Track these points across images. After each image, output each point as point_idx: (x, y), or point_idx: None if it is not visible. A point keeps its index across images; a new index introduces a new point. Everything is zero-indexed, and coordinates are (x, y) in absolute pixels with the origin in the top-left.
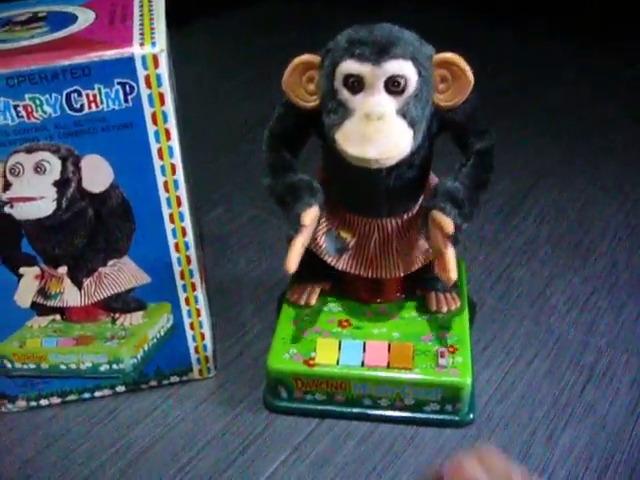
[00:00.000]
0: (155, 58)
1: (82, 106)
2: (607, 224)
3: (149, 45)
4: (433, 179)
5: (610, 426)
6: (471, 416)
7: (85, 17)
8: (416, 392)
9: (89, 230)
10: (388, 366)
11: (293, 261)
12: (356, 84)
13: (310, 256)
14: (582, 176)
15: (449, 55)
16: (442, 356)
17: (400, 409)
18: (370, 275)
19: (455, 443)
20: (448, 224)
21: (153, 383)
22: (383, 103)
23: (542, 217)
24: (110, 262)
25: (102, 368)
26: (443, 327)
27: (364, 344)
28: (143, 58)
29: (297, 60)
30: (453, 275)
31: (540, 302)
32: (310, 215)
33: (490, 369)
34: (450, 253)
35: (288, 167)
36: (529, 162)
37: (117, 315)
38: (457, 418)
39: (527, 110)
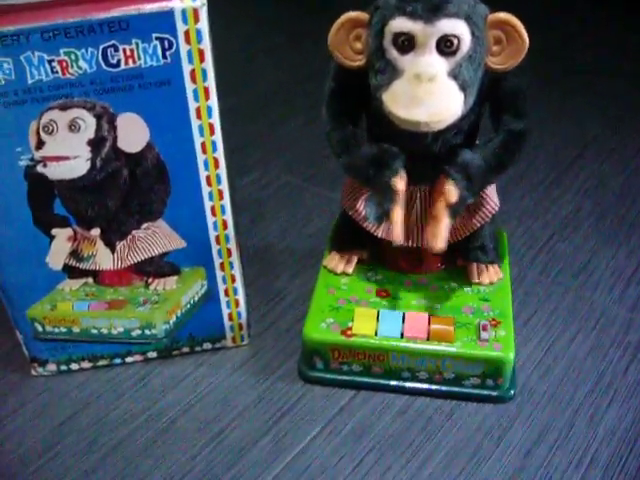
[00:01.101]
0: (196, 12)
1: (119, 62)
2: None
3: None
4: None
5: None
6: (512, 392)
7: None
8: (456, 366)
9: (123, 192)
10: (428, 338)
11: (398, 232)
12: (406, 43)
13: (349, 223)
14: (626, 147)
15: (504, 15)
16: (484, 329)
17: (439, 383)
18: (410, 244)
19: (495, 419)
20: (452, 195)
21: (185, 350)
22: (434, 64)
23: (585, 189)
24: (144, 225)
25: (134, 333)
26: (485, 299)
27: (403, 315)
28: (183, 12)
29: (344, 17)
30: (440, 244)
31: (583, 276)
32: (402, 181)
33: (531, 344)
34: (444, 222)
35: (359, 140)
36: (572, 133)
37: (150, 279)
38: (497, 394)
39: (570, 79)
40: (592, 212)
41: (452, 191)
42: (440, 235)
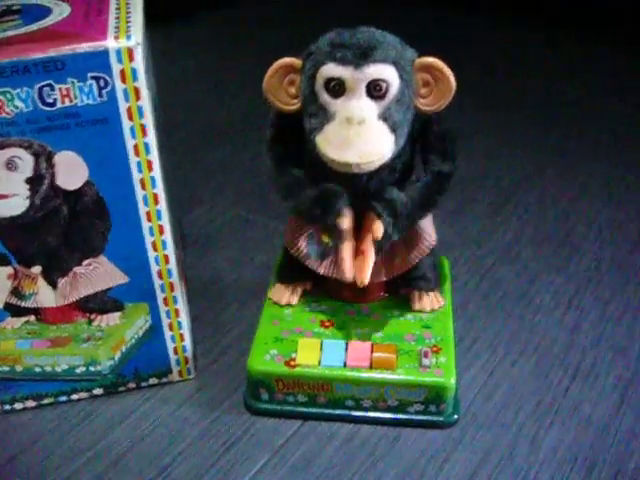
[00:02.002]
0: (130, 52)
1: (55, 101)
2: (591, 222)
3: (124, 38)
4: None
5: (595, 425)
6: (455, 417)
7: (60, 10)
8: (399, 393)
9: (63, 228)
10: (371, 367)
11: (349, 268)
12: (337, 88)
13: (292, 256)
14: (566, 175)
15: (431, 59)
16: (426, 356)
17: (383, 410)
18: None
19: (439, 445)
20: (378, 231)
21: (131, 385)
22: (364, 107)
23: (526, 216)
24: (85, 261)
25: (78, 370)
26: (426, 327)
27: (346, 344)
28: (118, 52)
29: (278, 63)
30: (365, 279)
31: (524, 301)
32: (348, 219)
33: (474, 369)
34: (369, 257)
35: (303, 183)
36: (513, 161)
37: (93, 316)
38: (441, 419)
39: (512, 108)
40: (533, 238)
41: (378, 226)
42: (365, 269)
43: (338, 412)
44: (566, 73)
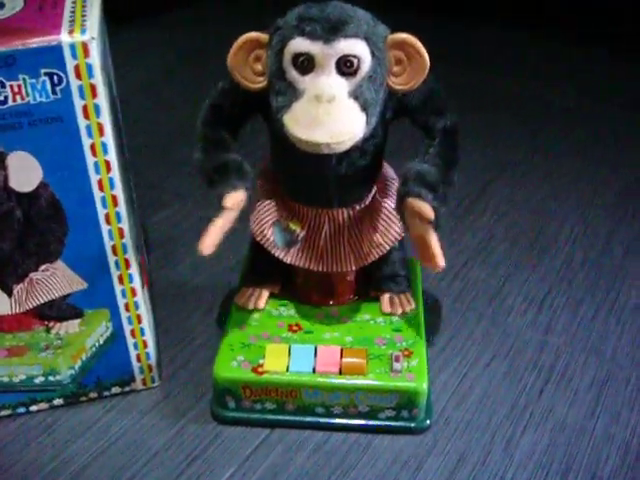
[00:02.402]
0: (85, 46)
1: (6, 98)
2: (562, 221)
3: (79, 33)
4: (386, 168)
5: (570, 428)
6: (428, 422)
7: (13, 4)
8: (370, 398)
9: (17, 233)
10: (340, 372)
11: (206, 243)
12: (306, 64)
13: (258, 254)
14: (537, 173)
15: (404, 35)
16: (397, 360)
17: (354, 416)
18: (320, 269)
19: (411, 450)
20: (428, 210)
21: (93, 395)
22: (334, 84)
23: (497, 215)
24: (42, 267)
25: (37, 380)
26: (397, 330)
27: (315, 349)
28: (72, 46)
29: (243, 37)
30: (440, 261)
31: (497, 302)
32: (233, 198)
33: (447, 372)
34: (434, 239)
35: (222, 145)
36: (484, 159)
37: (52, 323)
38: (413, 425)
39: (482, 104)
40: (504, 238)
41: (425, 208)
42: (436, 252)
43: (308, 419)
44: (533, 71)
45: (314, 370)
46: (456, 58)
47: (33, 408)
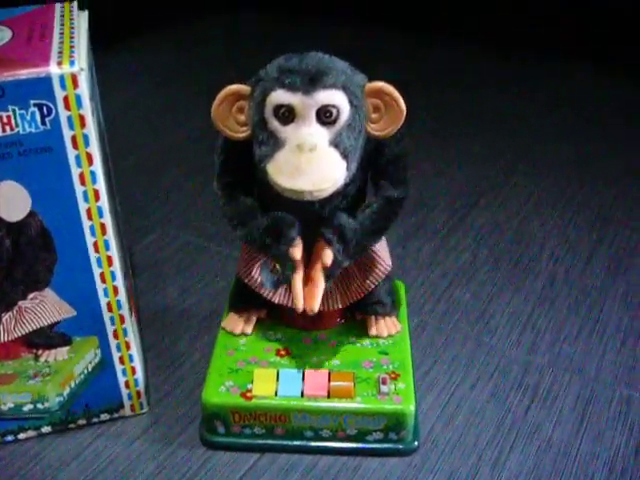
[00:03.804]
0: (74, 78)
1: None
2: (544, 241)
3: (67, 64)
4: None
5: (556, 447)
6: (415, 443)
7: (1, 35)
8: (358, 421)
9: (6, 262)
10: (328, 396)
11: (301, 300)
12: (287, 114)
13: (245, 285)
14: (518, 194)
15: (381, 84)
16: (384, 383)
17: (342, 439)
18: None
19: (400, 472)
20: (327, 257)
21: (82, 422)
22: (315, 134)
23: (480, 237)
24: (30, 295)
25: (25, 408)
26: (384, 352)
27: (303, 373)
28: (61, 78)
29: (226, 90)
30: (314, 307)
31: (481, 323)
32: (298, 249)
33: (433, 393)
34: (319, 285)
35: (253, 211)
36: (465, 182)
37: (40, 351)
38: (401, 446)
39: (464, 128)
40: (488, 259)
41: (327, 253)
42: (315, 298)
43: (297, 443)
44: (515, 90)
45: (302, 394)
46: (435, 76)
47: (21, 436)
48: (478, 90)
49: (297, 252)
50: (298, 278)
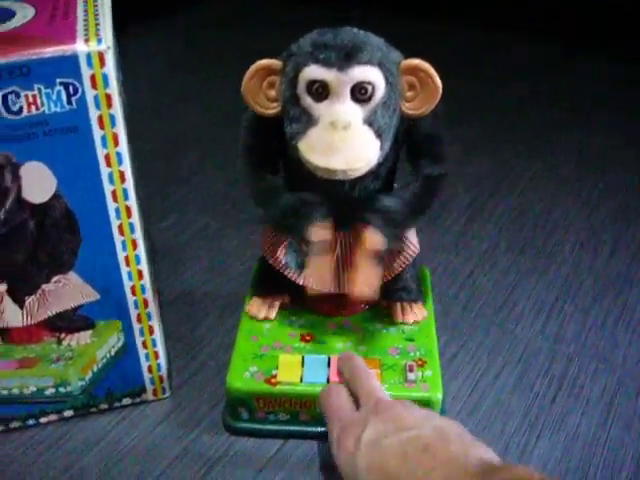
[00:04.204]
0: (101, 56)
1: (21, 108)
2: (568, 227)
3: (94, 42)
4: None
5: (583, 437)
6: None
7: (24, 13)
8: None
9: (30, 244)
10: None
11: (324, 281)
12: (320, 90)
13: (269, 268)
14: (542, 179)
15: (417, 61)
16: (411, 370)
17: None
18: (332, 290)
19: None
20: (374, 241)
21: (104, 406)
22: (349, 111)
23: (503, 222)
24: (54, 278)
25: (48, 392)
26: (410, 339)
27: (329, 359)
28: (88, 56)
29: (257, 65)
30: (370, 292)
31: (505, 310)
32: (322, 230)
33: (458, 381)
34: (371, 270)
35: (279, 190)
36: (487, 167)
37: (63, 335)
38: None
39: (485, 113)
40: (511, 245)
41: (374, 238)
42: (370, 283)
43: (321, 429)
44: (545, 78)
45: (328, 380)
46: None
47: (43, 420)
48: (498, 78)
49: (319, 233)
50: (321, 260)
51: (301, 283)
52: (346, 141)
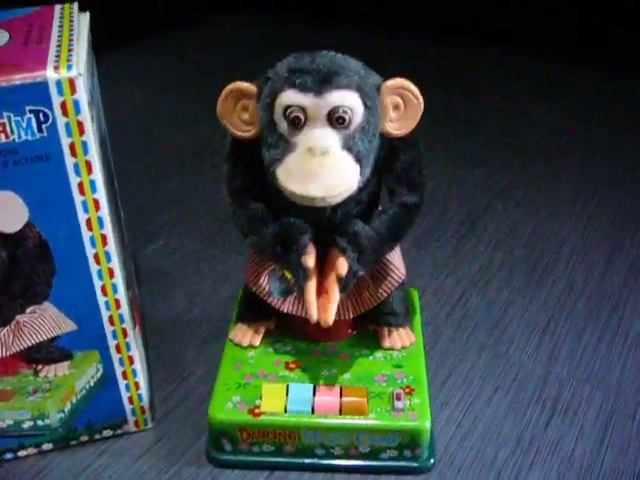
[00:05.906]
0: (72, 83)
1: None
2: (561, 246)
3: (64, 69)
4: None
5: (578, 463)
6: (431, 461)
7: None
8: (372, 439)
9: (3, 275)
10: (340, 412)
11: (315, 311)
12: (297, 116)
13: (253, 294)
14: (533, 197)
15: (401, 80)
16: (398, 398)
17: (355, 457)
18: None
19: None
20: (342, 267)
21: (84, 438)
22: (327, 137)
23: (495, 241)
24: (29, 309)
25: (25, 425)
26: (398, 366)
27: (314, 388)
28: (58, 83)
29: (229, 88)
30: (329, 319)
31: (498, 331)
32: (311, 257)
33: (449, 407)
34: (333, 296)
35: (264, 218)
36: (478, 184)
37: (40, 367)
38: (416, 464)
39: (474, 130)
40: (503, 264)
41: (342, 263)
42: (330, 310)
43: (307, 461)
44: (528, 93)
45: (313, 410)
46: (447, 81)
47: (21, 453)
48: (490, 91)
49: (310, 260)
50: (311, 287)
51: (285, 311)
52: (325, 167)
